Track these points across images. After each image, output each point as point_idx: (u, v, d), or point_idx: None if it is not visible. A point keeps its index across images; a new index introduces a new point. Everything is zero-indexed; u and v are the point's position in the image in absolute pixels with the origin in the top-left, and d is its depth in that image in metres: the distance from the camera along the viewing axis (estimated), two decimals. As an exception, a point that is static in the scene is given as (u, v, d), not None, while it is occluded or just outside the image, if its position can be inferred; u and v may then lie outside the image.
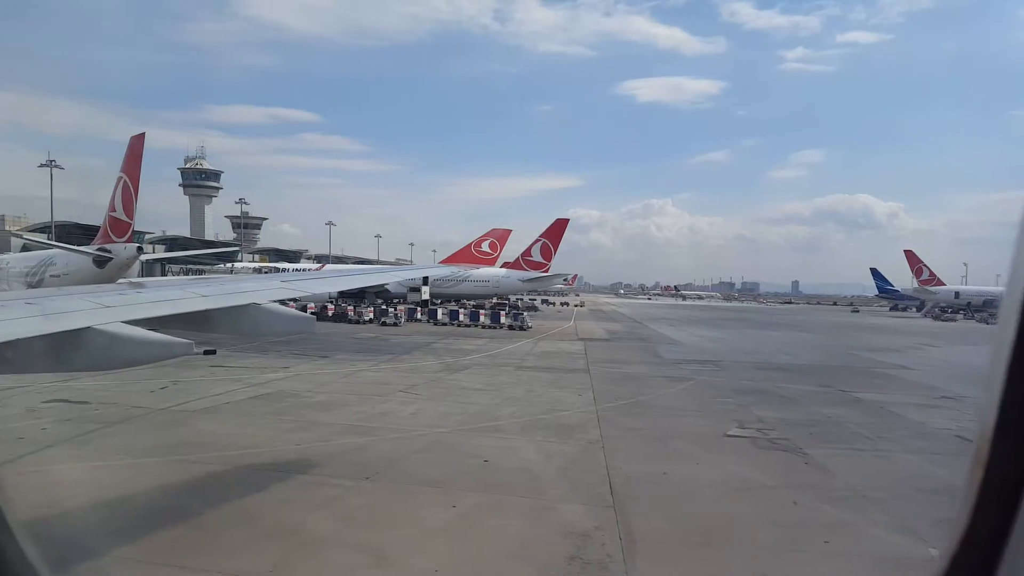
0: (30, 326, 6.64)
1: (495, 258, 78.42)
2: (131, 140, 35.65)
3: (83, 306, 7.81)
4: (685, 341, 48.88)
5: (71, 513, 10.51)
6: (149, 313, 8.21)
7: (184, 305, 9.06)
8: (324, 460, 13.86)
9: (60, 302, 7.99)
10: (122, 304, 8.20)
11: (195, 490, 11.77)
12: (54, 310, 7.38)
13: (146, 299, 8.90)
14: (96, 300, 8.10)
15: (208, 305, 9.28)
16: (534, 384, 25.01)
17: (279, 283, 12.03)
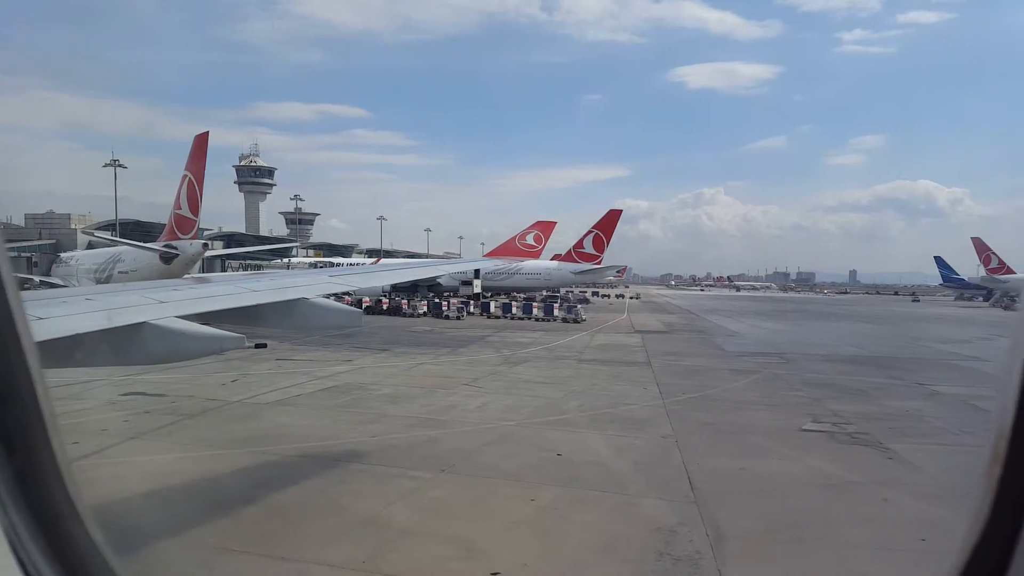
0: (90, 321, 6.81)
1: (540, 251, 78.24)
2: (195, 139, 36.55)
3: (139, 302, 7.98)
4: (745, 333, 47.91)
5: (161, 503, 10.80)
6: (202, 308, 8.37)
7: (235, 300, 9.22)
8: (399, 452, 13.94)
9: (117, 298, 8.16)
10: (176, 299, 8.37)
11: (278, 481, 11.96)
12: (112, 306, 7.54)
13: (199, 294, 9.08)
14: (151, 296, 8.29)
15: (259, 300, 9.41)
16: (596, 377, 24.79)
17: (327, 278, 12.14)
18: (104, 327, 6.84)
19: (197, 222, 36.76)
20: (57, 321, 6.43)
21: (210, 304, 8.68)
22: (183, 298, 8.55)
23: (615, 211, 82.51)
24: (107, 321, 6.95)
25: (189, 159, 36.46)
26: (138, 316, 7.29)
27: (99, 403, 18.21)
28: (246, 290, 9.72)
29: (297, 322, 9.96)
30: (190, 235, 36.74)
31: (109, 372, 22.87)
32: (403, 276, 25.48)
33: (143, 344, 7.19)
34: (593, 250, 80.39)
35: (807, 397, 21.88)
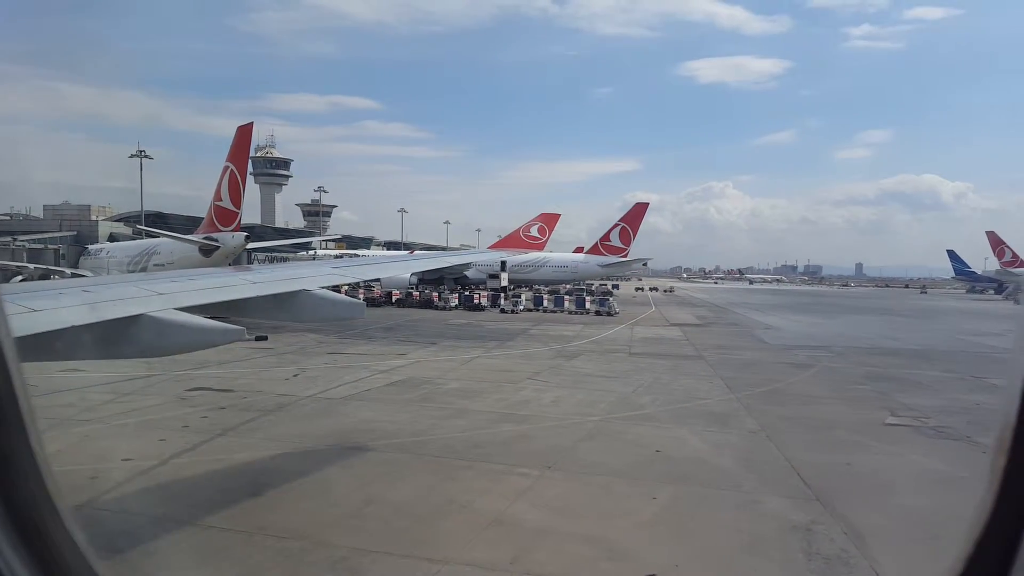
0: (87, 313, 6.72)
1: (544, 243, 77.81)
2: (238, 130, 36.42)
3: (137, 293, 7.89)
4: (780, 326, 47.49)
5: (276, 502, 10.64)
6: (201, 300, 8.25)
7: (235, 292, 9.11)
8: (496, 448, 13.76)
9: (114, 290, 8.11)
10: (174, 291, 8.26)
11: (387, 477, 11.82)
12: (109, 298, 7.48)
13: (198, 286, 8.94)
14: (149, 287, 8.19)
15: (259, 292, 9.30)
16: (656, 371, 24.53)
17: (329, 269, 11.97)
18: (101, 319, 6.77)
19: (239, 214, 36.68)
20: (52, 313, 6.39)
21: (210, 296, 8.60)
22: (182, 290, 8.46)
23: (642, 204, 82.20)
24: (104, 313, 6.88)
25: (231, 150, 36.34)
26: (136, 308, 7.21)
27: (168, 399, 18.12)
28: (246, 282, 9.65)
29: (298, 314, 9.88)
30: (232, 227, 36.66)
31: (163, 368, 22.88)
32: (410, 267, 25.53)
33: (141, 336, 7.13)
34: (620, 243, 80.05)
35: (873, 391, 21.60)
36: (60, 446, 13.36)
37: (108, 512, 9.89)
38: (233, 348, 27.91)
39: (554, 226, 79.81)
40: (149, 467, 12.12)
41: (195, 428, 15.03)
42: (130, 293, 7.90)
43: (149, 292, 7.95)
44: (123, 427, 15.09)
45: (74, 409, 16.66)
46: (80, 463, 12.34)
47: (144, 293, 7.90)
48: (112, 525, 9.41)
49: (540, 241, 76.73)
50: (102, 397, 18.06)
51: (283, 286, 9.76)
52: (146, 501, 10.40)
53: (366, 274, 19.81)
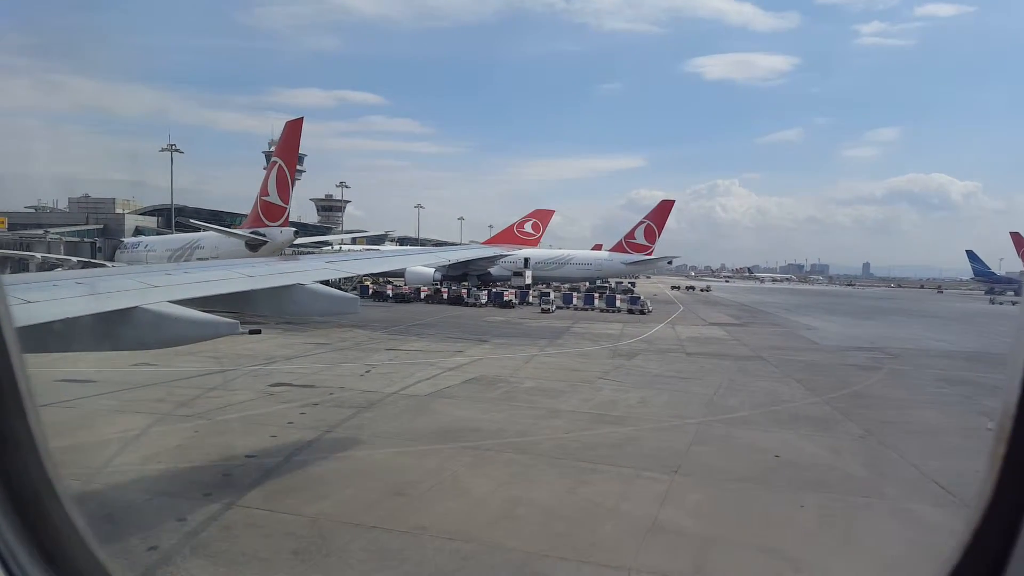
0: (81, 305, 6.75)
1: (538, 239, 77.94)
2: (287, 125, 36.28)
3: (131, 286, 7.86)
4: (820, 327, 47.07)
5: (426, 503, 10.47)
6: (196, 293, 8.23)
7: (230, 285, 9.11)
8: (609, 450, 13.57)
9: (109, 282, 8.04)
10: (169, 284, 8.27)
11: (522, 480, 11.65)
12: (103, 290, 7.43)
13: (193, 279, 8.96)
14: (144, 280, 8.20)
15: (253, 285, 9.32)
16: (724, 372, 24.29)
17: (323, 264, 11.93)
18: (95, 311, 6.77)
19: (288, 209, 36.55)
20: (46, 305, 6.37)
21: (204, 289, 8.60)
22: (176, 283, 8.47)
23: (668, 201, 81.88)
24: (99, 305, 6.88)
25: (279, 145, 36.27)
26: (130, 300, 7.21)
27: (256, 395, 17.99)
28: (241, 275, 9.67)
29: (292, 308, 9.90)
30: (279, 222, 36.55)
31: (235, 363, 22.80)
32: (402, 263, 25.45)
33: (135, 329, 7.12)
34: (644, 240, 79.71)
35: (956, 394, 21.36)
36: (177, 441, 13.28)
37: (262, 512, 9.74)
38: (293, 345, 27.90)
39: (548, 222, 79.67)
40: (275, 464, 11.99)
41: (299, 425, 14.90)
42: (126, 285, 7.90)
43: (144, 285, 7.98)
44: (227, 423, 14.95)
45: (168, 404, 16.56)
46: (206, 459, 12.25)
47: (139, 286, 7.92)
48: (274, 527, 9.27)
49: (534, 237, 76.74)
50: (189, 392, 17.94)
51: (277, 280, 9.82)
52: (292, 502, 10.24)
53: (361, 268, 19.75)
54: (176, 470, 11.61)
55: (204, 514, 9.59)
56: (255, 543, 8.77)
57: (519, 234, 76.13)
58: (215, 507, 9.86)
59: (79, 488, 10.57)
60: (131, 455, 12.36)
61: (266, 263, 12.03)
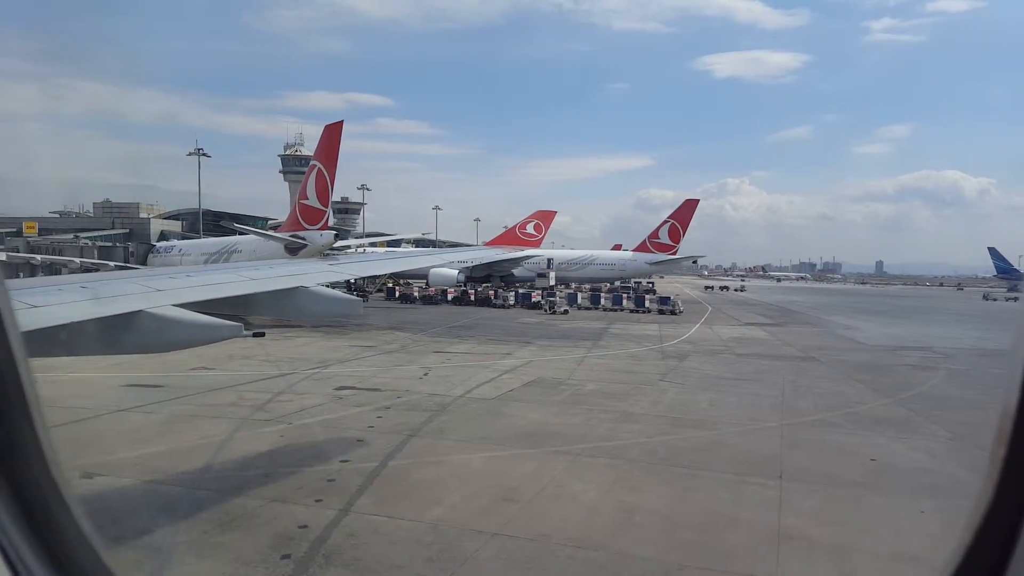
0: (85, 309, 6.72)
1: (540, 240, 77.66)
2: (325, 129, 36.27)
3: (135, 290, 7.83)
4: (858, 326, 46.45)
5: (538, 508, 10.33)
6: (200, 296, 8.24)
7: (234, 288, 9.10)
8: (700, 455, 13.38)
9: (113, 286, 8.01)
10: (173, 288, 8.25)
11: (625, 485, 11.48)
12: (107, 294, 7.41)
13: (196, 283, 8.94)
14: (148, 284, 8.15)
15: (257, 288, 9.29)
16: (782, 373, 24.00)
17: (327, 266, 11.89)
18: (99, 315, 6.76)
19: (327, 212, 36.53)
20: (51, 309, 6.39)
21: (208, 292, 8.60)
22: (180, 286, 8.48)
23: (692, 200, 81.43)
24: (103, 309, 6.87)
25: (318, 149, 36.24)
26: (134, 304, 7.23)
27: (326, 398, 17.90)
28: (244, 278, 9.66)
29: (295, 310, 9.88)
30: (319, 225, 36.55)
31: (292, 366, 22.78)
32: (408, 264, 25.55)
33: (139, 333, 7.12)
34: (669, 240, 79.35)
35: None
36: (267, 446, 13.23)
37: (380, 518, 9.63)
38: (340, 348, 27.88)
39: (550, 223, 79.26)
40: (373, 469, 11.90)
41: (380, 428, 14.81)
42: (129, 289, 7.88)
43: (148, 288, 7.96)
44: (309, 427, 14.90)
45: (243, 408, 16.53)
46: (303, 464, 12.18)
47: (143, 289, 7.91)
48: (398, 534, 9.17)
49: (536, 238, 76.52)
50: (259, 396, 17.92)
51: (281, 283, 9.79)
52: (405, 508, 10.14)
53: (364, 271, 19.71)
54: (278, 475, 11.53)
55: (323, 520, 9.51)
56: (385, 550, 8.66)
57: (521, 235, 76.00)
58: (331, 513, 9.78)
59: (187, 495, 10.54)
60: (228, 460, 12.31)
61: (269, 266, 12.04)
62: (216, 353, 25.23)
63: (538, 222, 77.79)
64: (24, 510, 2.15)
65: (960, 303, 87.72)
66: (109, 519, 9.30)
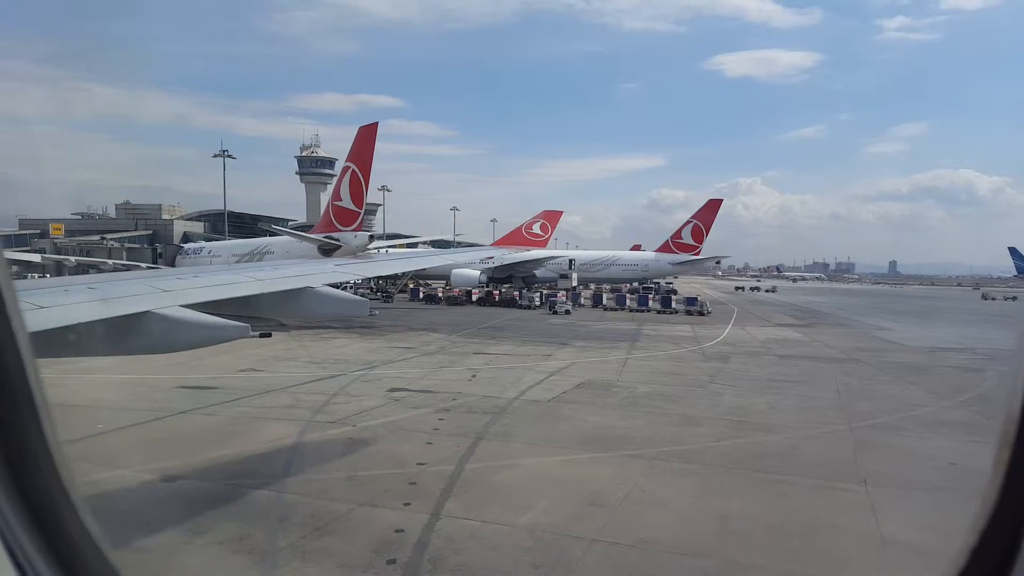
0: (93, 310, 6.75)
1: (546, 240, 77.46)
2: (360, 130, 36.29)
3: (142, 291, 7.85)
4: (889, 327, 45.87)
5: (629, 513, 10.18)
6: (206, 297, 8.25)
7: (240, 289, 9.12)
8: (777, 460, 13.19)
9: (120, 287, 8.06)
10: (180, 289, 8.25)
11: (711, 491, 11.31)
12: (115, 295, 7.45)
13: (203, 283, 8.96)
14: (155, 285, 8.16)
15: (263, 289, 9.30)
16: (831, 375, 23.74)
17: (332, 267, 11.86)
18: (107, 316, 6.84)
19: (361, 214, 36.55)
20: (60, 310, 6.45)
21: (214, 293, 8.62)
22: (187, 287, 8.50)
23: (715, 200, 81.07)
24: (110, 310, 6.91)
25: (352, 150, 36.22)
26: (141, 305, 7.28)
27: (382, 400, 17.79)
28: (250, 279, 9.68)
29: (302, 311, 9.95)
30: (353, 227, 36.57)
31: (338, 368, 22.76)
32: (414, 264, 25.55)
33: (146, 333, 7.17)
34: (692, 240, 79.03)
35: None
36: (337, 448, 13.18)
37: (474, 522, 9.52)
38: (380, 349, 27.86)
39: (556, 223, 78.92)
40: (450, 472, 11.81)
41: (446, 431, 14.72)
42: (137, 290, 7.92)
43: (155, 289, 7.98)
44: (374, 429, 14.81)
45: (303, 410, 16.51)
46: (380, 468, 12.09)
47: (150, 290, 7.93)
48: (496, 539, 9.05)
49: (542, 238, 76.34)
50: (314, 398, 17.89)
51: (288, 283, 9.81)
52: (495, 512, 10.03)
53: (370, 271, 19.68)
54: (358, 479, 11.45)
55: (417, 524, 9.42)
56: (489, 556, 8.55)
57: (527, 235, 76.01)
58: (423, 517, 9.69)
59: (274, 498, 10.48)
60: (305, 464, 12.25)
61: (275, 267, 12.06)
62: (262, 354, 25.37)
63: (544, 222, 77.67)
64: (32, 512, 2.14)
65: (983, 305, 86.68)
66: (204, 523, 9.27)
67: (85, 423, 14.80)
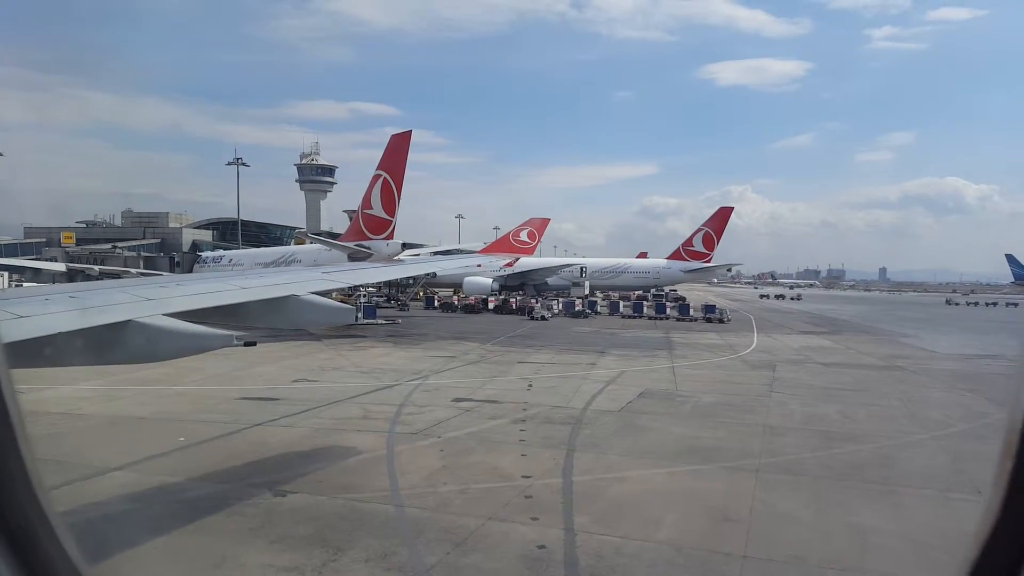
0: (74, 319, 6.65)
1: (533, 247, 77.65)
2: (392, 138, 36.16)
3: (125, 299, 7.74)
4: (913, 334, 45.88)
5: (762, 529, 10.00)
6: (190, 306, 8.12)
7: (225, 297, 9.03)
8: (880, 470, 13.06)
9: (102, 296, 7.92)
10: (163, 297, 8.16)
11: (834, 504, 11.15)
12: (97, 304, 7.31)
13: (187, 292, 8.86)
14: (137, 293, 8.07)
15: (248, 297, 9.23)
16: (883, 383, 23.70)
17: (319, 275, 11.83)
18: (89, 325, 6.71)
19: (393, 222, 36.34)
20: (38, 320, 6.33)
21: (199, 301, 8.50)
22: (170, 295, 8.39)
23: (726, 208, 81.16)
24: (91, 319, 6.78)
25: (384, 158, 36.06)
26: (124, 314, 7.15)
27: (454, 411, 17.50)
28: (235, 287, 9.60)
29: (288, 319, 9.82)
30: (384, 235, 36.38)
31: (391, 377, 22.54)
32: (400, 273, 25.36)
33: (129, 342, 7.06)
34: (703, 248, 79.12)
35: None
36: (436, 462, 12.94)
37: (614, 538, 9.32)
38: (422, 358, 27.65)
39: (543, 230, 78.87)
40: (559, 485, 11.65)
41: (531, 442, 14.51)
42: (118, 299, 7.77)
43: (138, 298, 7.87)
44: (460, 440, 14.59)
45: (377, 422, 16.32)
46: (486, 480, 11.89)
47: (133, 299, 7.82)
48: (645, 555, 8.86)
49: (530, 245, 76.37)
50: (382, 409, 17.68)
51: (272, 291, 9.75)
52: (630, 527, 9.84)
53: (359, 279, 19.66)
54: (473, 492, 11.24)
55: (555, 539, 9.25)
56: (648, 574, 8.35)
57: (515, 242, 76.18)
58: (557, 532, 9.52)
59: (396, 514, 10.26)
60: (411, 477, 12.01)
61: (259, 275, 12.00)
62: (306, 364, 25.19)
63: (531, 229, 77.64)
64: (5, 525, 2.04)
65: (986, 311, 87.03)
66: (338, 539, 9.05)
67: (163, 436, 14.57)
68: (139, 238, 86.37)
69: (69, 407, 16.93)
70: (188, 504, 10.36)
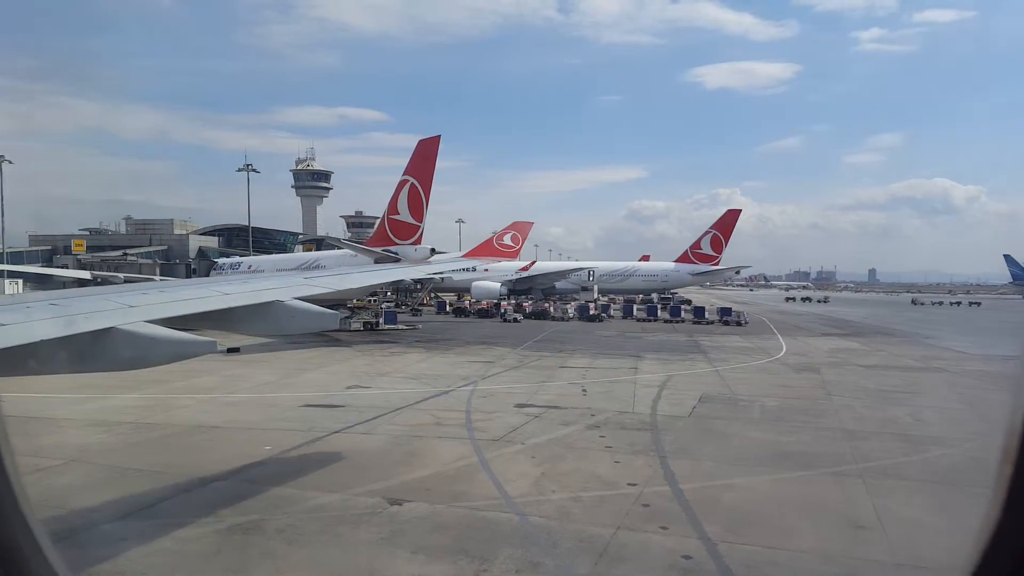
0: (55, 327, 6.61)
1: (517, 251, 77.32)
2: (419, 144, 35.91)
3: (107, 306, 7.75)
4: (933, 334, 46.04)
5: (899, 538, 9.86)
6: (173, 312, 8.17)
7: (208, 304, 9.07)
8: (982, 475, 12.90)
9: (84, 303, 7.93)
10: (145, 304, 8.16)
11: (952, 512, 11.00)
12: (78, 311, 7.30)
13: (169, 298, 8.87)
14: (120, 300, 8.04)
15: (231, 303, 9.22)
16: (934, 384, 23.71)
17: (302, 280, 11.89)
18: (71, 333, 6.69)
19: (421, 227, 36.09)
20: (19, 327, 6.34)
21: (181, 308, 8.55)
22: (153, 302, 8.39)
23: (734, 211, 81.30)
24: (74, 327, 6.81)
25: (411, 163, 35.80)
26: (105, 321, 7.17)
27: (523, 418, 17.18)
28: (218, 293, 9.62)
29: (272, 325, 9.88)
30: (412, 241, 36.10)
31: (443, 383, 22.35)
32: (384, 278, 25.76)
33: (111, 350, 7.07)
34: (711, 251, 79.17)
35: None
36: (535, 470, 12.75)
37: (750, 547, 9.16)
38: (460, 364, 27.46)
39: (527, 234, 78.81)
40: (668, 493, 11.47)
41: (618, 449, 14.34)
42: (101, 306, 7.77)
43: (120, 305, 7.85)
44: (547, 448, 14.38)
45: (451, 427, 16.17)
46: (592, 488, 11.71)
47: (115, 306, 7.80)
48: (788, 563, 8.70)
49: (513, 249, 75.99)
50: (450, 415, 17.49)
51: (255, 297, 9.73)
52: (755, 535, 9.68)
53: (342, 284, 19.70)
54: (586, 500, 11.05)
55: (697, 549, 9.06)
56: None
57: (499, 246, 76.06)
58: (695, 542, 9.33)
59: (520, 522, 10.06)
60: (518, 486, 11.78)
61: (243, 280, 11.95)
62: (352, 370, 25.10)
63: (515, 233, 77.24)
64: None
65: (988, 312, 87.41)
66: (476, 549, 8.86)
67: (247, 445, 14.38)
68: (144, 245, 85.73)
69: (136, 416, 16.68)
70: (310, 514, 10.15)
